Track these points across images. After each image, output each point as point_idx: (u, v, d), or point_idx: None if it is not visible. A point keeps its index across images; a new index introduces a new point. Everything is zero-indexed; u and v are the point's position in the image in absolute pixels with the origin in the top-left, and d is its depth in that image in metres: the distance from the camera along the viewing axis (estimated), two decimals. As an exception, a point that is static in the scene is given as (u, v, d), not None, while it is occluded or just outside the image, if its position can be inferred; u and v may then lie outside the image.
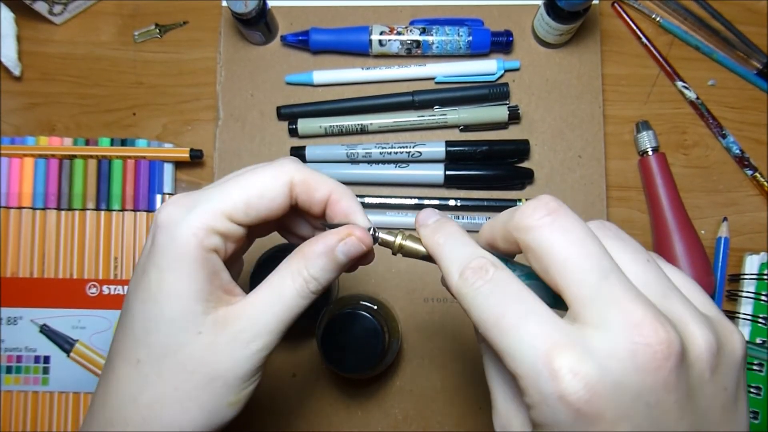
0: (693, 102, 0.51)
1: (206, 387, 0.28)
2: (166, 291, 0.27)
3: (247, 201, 0.28)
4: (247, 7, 0.45)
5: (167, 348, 0.27)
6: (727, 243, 0.48)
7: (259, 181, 0.28)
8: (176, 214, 0.27)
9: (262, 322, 0.28)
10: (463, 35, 0.49)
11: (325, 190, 0.30)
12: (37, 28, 0.52)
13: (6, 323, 0.48)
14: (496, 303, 0.23)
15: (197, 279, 0.27)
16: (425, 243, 0.28)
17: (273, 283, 0.29)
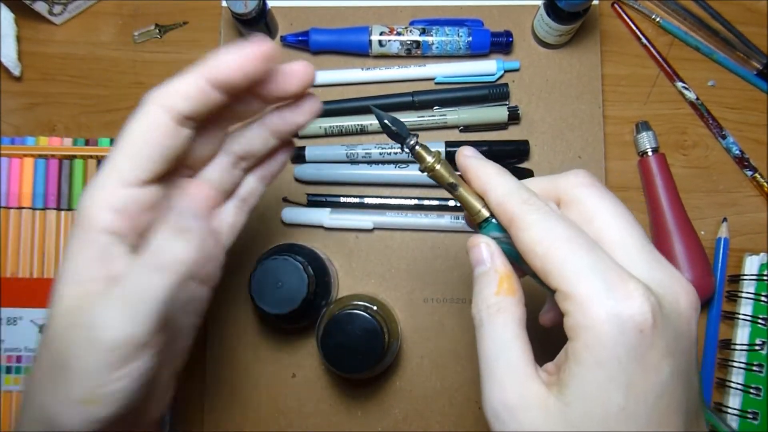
0: (693, 102, 0.51)
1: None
2: (74, 269, 0.27)
3: (133, 160, 0.27)
4: (247, 7, 0.45)
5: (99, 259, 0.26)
6: (726, 243, 0.48)
7: (136, 133, 0.27)
8: (83, 202, 0.27)
9: (172, 248, 0.26)
10: (462, 36, 0.49)
11: (205, 87, 0.29)
12: (37, 28, 0.52)
13: (6, 323, 0.48)
14: (564, 229, 0.25)
15: (97, 260, 0.26)
16: (468, 164, 0.29)
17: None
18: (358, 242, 0.49)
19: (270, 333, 0.48)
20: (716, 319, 0.48)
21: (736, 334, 0.47)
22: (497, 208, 0.27)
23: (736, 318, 0.47)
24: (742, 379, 0.46)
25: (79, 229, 0.27)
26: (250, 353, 0.48)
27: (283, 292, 0.40)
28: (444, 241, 0.49)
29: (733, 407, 0.46)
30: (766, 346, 0.46)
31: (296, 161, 0.50)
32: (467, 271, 0.49)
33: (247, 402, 0.48)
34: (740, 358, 0.46)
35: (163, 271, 0.25)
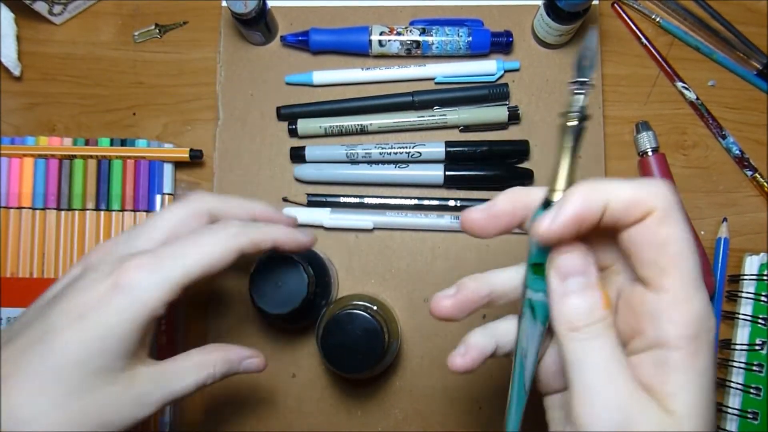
0: (693, 102, 0.51)
1: (91, 426, 0.30)
2: (103, 346, 0.29)
3: (202, 273, 0.32)
4: (247, 7, 0.45)
5: (79, 389, 0.29)
6: (726, 243, 0.48)
7: (216, 252, 0.32)
8: (144, 281, 0.30)
9: (164, 392, 0.32)
10: (462, 35, 0.49)
11: (270, 240, 0.35)
12: (37, 28, 0.52)
13: (6, 323, 0.48)
14: (684, 230, 0.25)
15: (134, 343, 0.30)
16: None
17: (184, 366, 0.34)
18: (358, 242, 0.49)
19: (270, 333, 0.48)
20: (716, 319, 0.48)
21: (736, 334, 0.47)
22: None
23: (736, 318, 0.47)
24: (742, 379, 0.46)
25: (137, 309, 0.30)
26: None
27: (283, 292, 0.40)
28: (444, 241, 0.49)
29: (733, 407, 0.46)
30: (766, 346, 0.46)
31: (296, 161, 0.50)
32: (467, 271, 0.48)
33: (246, 402, 0.48)
34: (740, 357, 0.46)
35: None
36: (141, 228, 0.34)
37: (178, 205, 0.34)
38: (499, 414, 0.48)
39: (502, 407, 0.47)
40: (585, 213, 0.24)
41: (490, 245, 0.49)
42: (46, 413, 0.28)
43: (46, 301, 0.32)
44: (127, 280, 0.30)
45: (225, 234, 0.33)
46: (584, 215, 0.24)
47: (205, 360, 0.34)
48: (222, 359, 0.35)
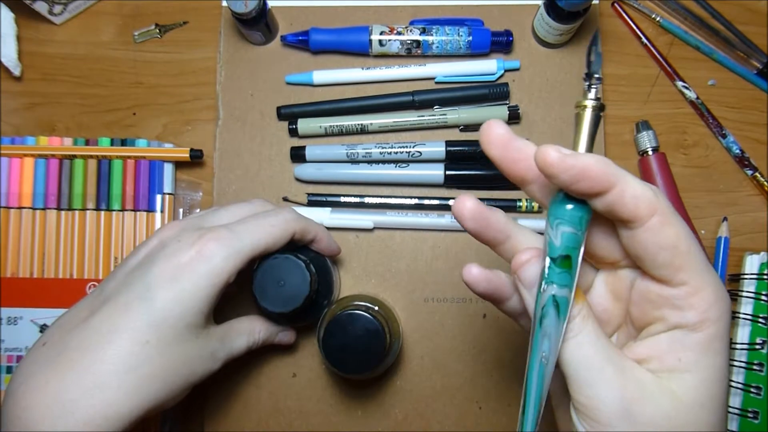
0: (693, 102, 0.51)
1: (183, 378, 0.35)
2: (193, 304, 0.35)
3: (266, 248, 0.38)
4: (247, 7, 0.45)
5: (175, 341, 0.34)
6: (727, 243, 0.48)
7: (277, 232, 0.38)
8: (219, 252, 0.35)
9: (228, 349, 0.39)
10: (463, 35, 0.49)
11: (313, 234, 0.41)
12: (37, 28, 0.52)
13: (6, 323, 0.48)
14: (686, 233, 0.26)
15: (212, 302, 0.36)
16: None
17: (240, 329, 0.41)
18: (358, 242, 0.49)
19: (270, 333, 0.48)
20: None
21: (736, 333, 0.47)
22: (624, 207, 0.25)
23: (737, 317, 0.47)
24: (743, 379, 0.46)
25: (216, 275, 0.35)
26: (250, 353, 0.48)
27: (285, 291, 0.40)
28: (444, 241, 0.49)
29: (733, 406, 0.46)
30: (767, 345, 0.46)
31: (296, 161, 0.50)
32: (467, 271, 0.49)
33: (247, 402, 0.48)
34: (741, 357, 0.46)
35: None
36: (219, 209, 0.40)
37: (243, 203, 0.41)
38: (500, 414, 0.48)
39: (502, 407, 0.48)
40: (597, 176, 0.24)
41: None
42: (150, 360, 0.33)
43: (130, 269, 0.36)
44: (209, 249, 0.35)
45: (284, 217, 0.39)
46: (595, 177, 0.24)
47: (253, 326, 0.42)
48: (265, 328, 0.42)
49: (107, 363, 0.32)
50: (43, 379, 0.32)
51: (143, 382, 0.33)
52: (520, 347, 0.48)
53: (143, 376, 0.33)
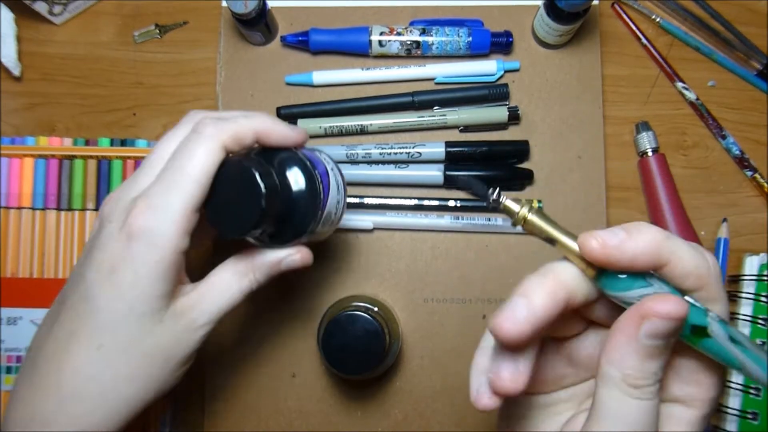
0: (693, 103, 0.51)
1: (162, 367, 0.32)
2: (139, 293, 0.30)
3: (202, 189, 0.31)
4: (247, 7, 0.45)
5: (132, 337, 0.31)
6: (726, 244, 0.48)
7: (205, 164, 0.31)
8: (151, 222, 0.30)
9: (210, 313, 0.33)
10: (462, 36, 0.49)
11: (251, 134, 0.32)
12: (37, 29, 0.52)
13: (6, 323, 0.48)
14: None
15: (168, 280, 0.31)
16: None
17: (222, 279, 0.34)
18: (358, 242, 0.49)
19: (270, 333, 0.48)
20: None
21: (735, 334, 0.47)
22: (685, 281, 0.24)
23: (736, 318, 0.47)
24: (742, 379, 0.46)
25: (157, 251, 0.30)
26: (250, 353, 0.48)
27: (239, 207, 0.31)
28: (444, 241, 0.49)
29: (733, 407, 0.46)
30: (766, 346, 0.46)
31: (296, 161, 0.50)
32: (467, 271, 0.49)
33: (247, 402, 0.48)
34: (740, 358, 0.46)
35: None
36: (142, 165, 0.33)
37: (173, 130, 0.34)
38: (499, 414, 0.48)
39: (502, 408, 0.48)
40: (649, 257, 0.23)
41: (490, 245, 0.49)
42: (110, 363, 0.31)
43: (79, 264, 0.33)
44: (137, 228, 0.30)
45: (203, 139, 0.31)
46: (648, 258, 0.23)
47: (241, 269, 0.34)
48: (259, 264, 0.34)
49: (69, 373, 0.31)
50: (22, 395, 0.31)
51: (109, 388, 0.31)
52: (519, 348, 0.48)
53: (106, 381, 0.31)
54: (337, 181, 0.38)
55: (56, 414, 0.30)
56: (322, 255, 0.49)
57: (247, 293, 0.34)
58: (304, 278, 0.49)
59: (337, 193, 0.37)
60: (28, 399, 0.31)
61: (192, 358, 0.34)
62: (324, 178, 0.36)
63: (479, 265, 0.49)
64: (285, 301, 0.49)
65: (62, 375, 0.31)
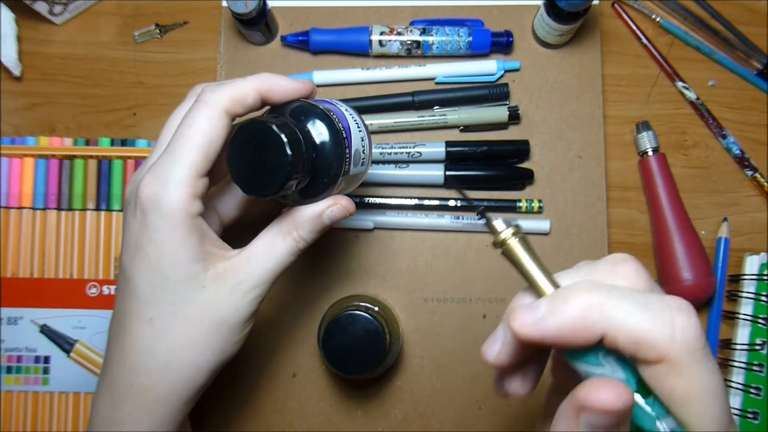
0: (693, 102, 0.51)
1: (215, 331, 0.32)
2: (167, 260, 0.31)
3: (205, 154, 0.31)
4: (247, 7, 0.45)
5: (176, 305, 0.32)
6: (727, 243, 0.48)
7: (205, 128, 0.31)
8: (157, 191, 0.31)
9: (257, 275, 0.33)
10: (463, 36, 0.49)
11: (253, 96, 0.32)
12: (37, 28, 0.52)
13: (6, 323, 0.48)
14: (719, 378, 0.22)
15: (191, 244, 0.31)
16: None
17: (266, 241, 0.34)
18: (358, 242, 0.49)
19: (270, 332, 0.48)
20: (716, 319, 0.48)
21: (736, 333, 0.47)
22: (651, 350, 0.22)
23: (737, 318, 0.47)
24: (743, 379, 0.46)
25: (168, 218, 0.31)
26: (250, 353, 0.48)
27: (264, 168, 0.30)
28: (444, 241, 0.49)
29: (733, 407, 0.46)
30: (766, 346, 0.46)
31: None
32: (467, 271, 0.49)
33: (247, 402, 0.48)
34: (740, 357, 0.46)
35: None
36: (155, 144, 0.34)
37: (179, 105, 0.35)
38: (500, 414, 0.48)
39: (502, 407, 0.48)
40: (577, 331, 0.21)
41: (490, 245, 0.49)
42: (162, 336, 0.32)
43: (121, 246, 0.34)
44: (146, 200, 0.31)
45: (202, 105, 0.31)
46: (575, 333, 0.21)
47: (283, 229, 0.34)
48: (300, 221, 0.33)
49: (129, 350, 0.32)
50: (101, 379, 0.34)
51: (167, 358, 0.32)
52: (519, 347, 0.48)
53: (163, 352, 0.32)
54: (356, 120, 0.36)
55: (127, 390, 0.32)
56: (322, 255, 0.49)
57: (296, 253, 0.34)
58: (304, 278, 0.49)
59: (359, 131, 0.36)
60: (104, 381, 0.33)
61: (248, 322, 0.34)
62: (342, 118, 0.35)
63: (479, 264, 0.49)
64: (285, 300, 0.49)
65: (124, 353, 0.32)
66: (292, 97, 0.34)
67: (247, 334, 0.34)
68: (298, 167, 0.30)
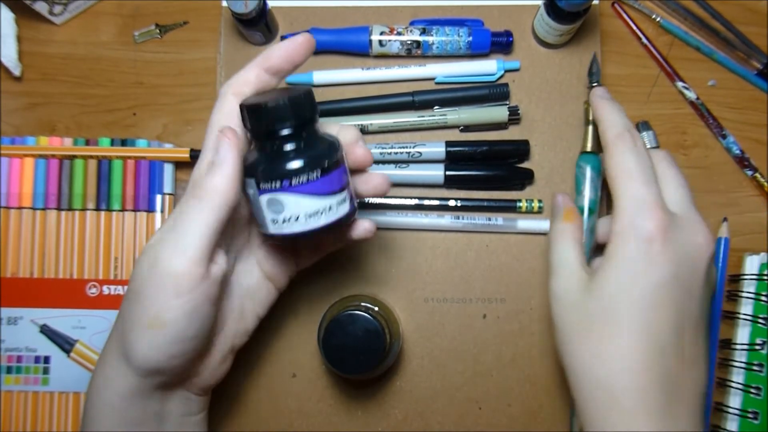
0: (693, 102, 0.51)
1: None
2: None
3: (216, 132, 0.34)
4: (247, 7, 0.45)
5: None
6: (727, 243, 0.48)
7: (221, 112, 0.35)
8: (194, 175, 0.34)
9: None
10: (463, 35, 0.49)
11: (254, 74, 0.36)
12: (37, 28, 0.52)
13: (6, 323, 0.48)
14: (633, 163, 0.36)
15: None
16: (595, 103, 0.42)
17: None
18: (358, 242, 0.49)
19: (270, 333, 0.48)
20: (716, 319, 0.48)
21: (736, 333, 0.47)
22: (601, 137, 0.39)
23: (737, 317, 0.47)
24: (743, 379, 0.46)
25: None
26: (250, 353, 0.48)
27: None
28: (444, 241, 0.49)
29: (733, 407, 0.46)
30: (766, 346, 0.46)
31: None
32: (467, 271, 0.49)
33: (247, 402, 0.48)
34: (740, 357, 0.46)
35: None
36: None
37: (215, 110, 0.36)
38: (500, 414, 0.48)
39: (502, 407, 0.48)
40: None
41: (490, 245, 0.49)
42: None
43: None
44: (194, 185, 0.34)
45: (219, 97, 0.35)
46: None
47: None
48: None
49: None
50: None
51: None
52: (520, 347, 0.48)
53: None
54: None
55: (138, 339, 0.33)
56: (322, 255, 0.49)
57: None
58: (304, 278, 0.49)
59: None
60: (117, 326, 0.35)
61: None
62: None
63: (479, 265, 0.49)
64: (285, 300, 0.49)
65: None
66: (291, 59, 0.36)
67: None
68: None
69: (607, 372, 0.33)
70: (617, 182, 0.36)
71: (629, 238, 0.34)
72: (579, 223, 0.40)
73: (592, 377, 0.34)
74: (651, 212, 0.34)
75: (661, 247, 0.34)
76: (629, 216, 0.35)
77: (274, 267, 0.40)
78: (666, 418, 0.32)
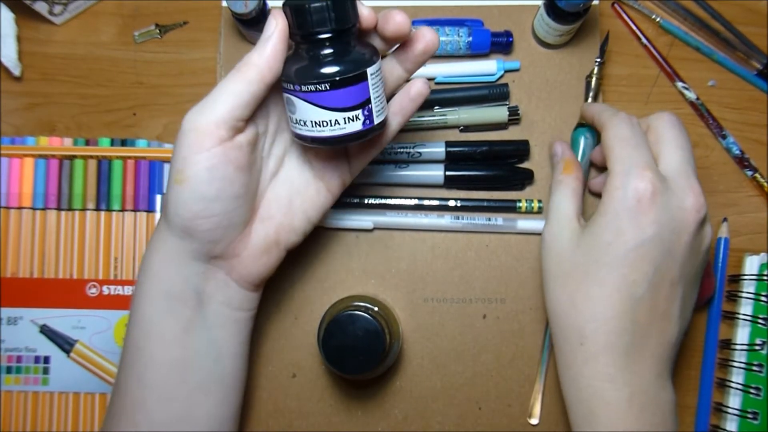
0: (693, 102, 0.51)
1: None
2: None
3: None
4: (247, 7, 0.45)
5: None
6: (727, 243, 0.48)
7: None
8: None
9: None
10: (463, 36, 0.49)
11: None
12: (37, 28, 0.52)
13: (6, 323, 0.48)
14: (627, 131, 0.39)
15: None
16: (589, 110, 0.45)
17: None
18: (358, 242, 0.49)
19: (270, 332, 0.48)
20: (716, 319, 0.48)
21: (736, 333, 0.47)
22: (597, 125, 0.42)
23: (736, 318, 0.47)
24: (742, 379, 0.46)
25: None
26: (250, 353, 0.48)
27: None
28: (444, 241, 0.49)
29: (733, 407, 0.46)
30: (766, 346, 0.46)
31: (296, 161, 0.50)
32: (467, 271, 0.49)
33: (247, 402, 0.48)
34: (740, 357, 0.46)
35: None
36: None
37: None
38: (500, 414, 0.48)
39: (502, 407, 0.48)
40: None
41: (490, 245, 0.49)
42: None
43: None
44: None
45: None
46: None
47: None
48: None
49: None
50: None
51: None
52: (520, 347, 0.48)
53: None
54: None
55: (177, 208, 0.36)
56: (322, 255, 0.49)
57: None
58: (304, 278, 0.49)
59: None
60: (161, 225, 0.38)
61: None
62: None
63: (479, 265, 0.49)
64: (285, 300, 0.49)
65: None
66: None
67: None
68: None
69: (580, 317, 0.37)
70: (612, 149, 0.38)
71: (618, 197, 0.36)
72: (577, 174, 0.42)
73: (567, 321, 0.38)
74: (640, 173, 0.36)
75: (647, 207, 0.36)
76: (620, 176, 0.37)
77: (325, 167, 0.40)
78: (628, 362, 0.36)
